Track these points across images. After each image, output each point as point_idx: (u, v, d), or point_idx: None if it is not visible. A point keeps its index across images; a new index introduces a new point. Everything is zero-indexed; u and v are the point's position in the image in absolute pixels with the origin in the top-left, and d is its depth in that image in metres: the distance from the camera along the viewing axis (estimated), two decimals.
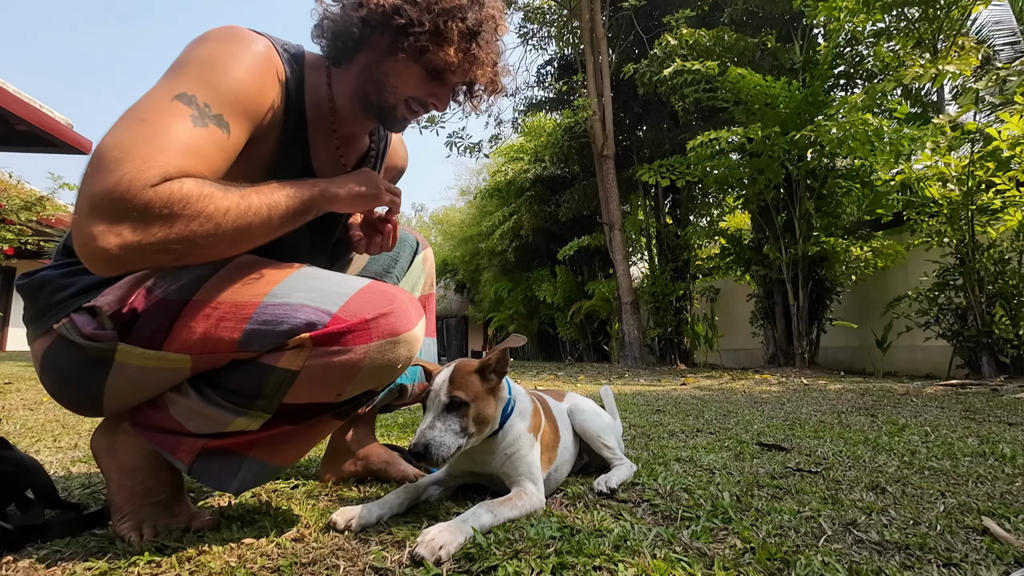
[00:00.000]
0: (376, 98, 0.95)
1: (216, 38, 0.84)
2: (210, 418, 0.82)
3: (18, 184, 8.11)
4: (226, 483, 0.85)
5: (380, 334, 0.83)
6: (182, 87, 0.77)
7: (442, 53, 0.90)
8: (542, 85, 12.36)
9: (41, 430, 2.00)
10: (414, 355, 0.89)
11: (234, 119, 0.81)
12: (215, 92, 0.79)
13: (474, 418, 0.99)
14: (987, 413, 2.53)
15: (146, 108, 0.74)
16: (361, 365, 0.82)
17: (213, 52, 0.82)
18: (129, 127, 0.72)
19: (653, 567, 0.74)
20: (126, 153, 0.69)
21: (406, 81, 0.94)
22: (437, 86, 0.96)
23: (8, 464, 0.93)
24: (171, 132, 0.73)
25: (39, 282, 0.85)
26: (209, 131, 0.77)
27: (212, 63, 0.81)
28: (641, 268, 12.61)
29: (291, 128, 0.93)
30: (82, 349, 0.78)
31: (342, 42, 0.92)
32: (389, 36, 0.90)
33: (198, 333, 0.79)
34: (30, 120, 5.80)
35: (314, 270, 0.91)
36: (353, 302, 0.83)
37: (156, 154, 0.70)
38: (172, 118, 0.74)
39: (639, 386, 4.64)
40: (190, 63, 0.80)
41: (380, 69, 0.93)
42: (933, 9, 5.84)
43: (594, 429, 1.28)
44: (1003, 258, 5.03)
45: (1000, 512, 1.00)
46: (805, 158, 6.59)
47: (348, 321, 0.81)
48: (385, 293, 0.86)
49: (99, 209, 0.68)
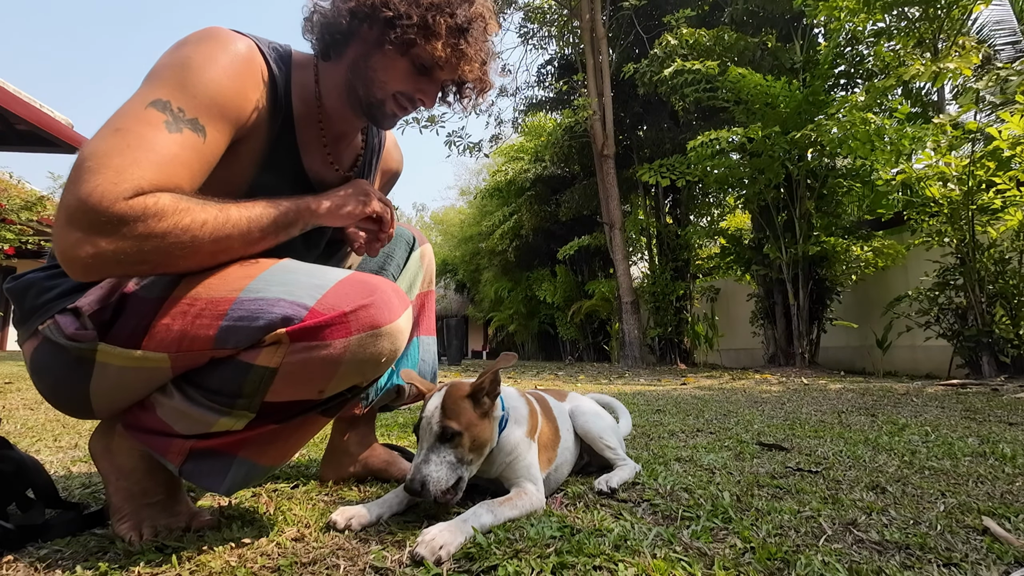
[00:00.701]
0: (364, 93, 0.94)
1: (194, 41, 0.84)
2: (195, 419, 0.81)
3: (18, 184, 8.12)
4: (216, 484, 0.84)
5: (360, 327, 0.80)
6: (156, 93, 0.77)
7: (429, 47, 0.90)
8: (542, 85, 12.37)
9: (41, 430, 2.01)
10: (399, 348, 0.86)
11: (211, 122, 0.80)
12: (189, 96, 0.78)
13: (469, 447, 0.97)
14: (987, 413, 2.53)
15: (122, 117, 0.75)
16: (342, 360, 0.80)
17: (189, 55, 0.82)
18: (104, 137, 0.73)
19: (653, 567, 0.74)
20: (100, 164, 0.70)
21: (393, 75, 0.93)
22: (425, 82, 0.96)
23: (9, 464, 0.92)
24: (146, 141, 0.74)
25: (25, 284, 0.84)
26: (184, 136, 0.77)
27: (187, 66, 0.80)
28: (641, 268, 12.61)
29: (278, 128, 0.93)
30: (66, 350, 0.78)
31: (331, 35, 0.92)
32: (377, 29, 0.90)
33: (175, 331, 0.78)
34: (30, 120, 5.81)
35: (294, 263, 0.88)
36: (331, 294, 0.80)
37: (130, 166, 0.71)
38: (146, 127, 0.74)
39: (639, 386, 4.64)
40: (166, 68, 0.80)
41: (368, 63, 0.93)
42: (934, 9, 5.84)
43: (596, 430, 1.27)
44: (1003, 258, 5.03)
45: (1000, 512, 1.00)
46: (805, 158, 6.59)
47: (325, 315, 0.78)
48: (365, 284, 0.83)
49: (74, 219, 0.69)
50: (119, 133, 0.73)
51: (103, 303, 0.79)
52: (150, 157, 0.73)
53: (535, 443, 1.11)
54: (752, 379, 5.27)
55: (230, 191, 0.88)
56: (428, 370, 1.28)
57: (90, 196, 0.68)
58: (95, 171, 0.70)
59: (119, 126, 0.74)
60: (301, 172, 0.98)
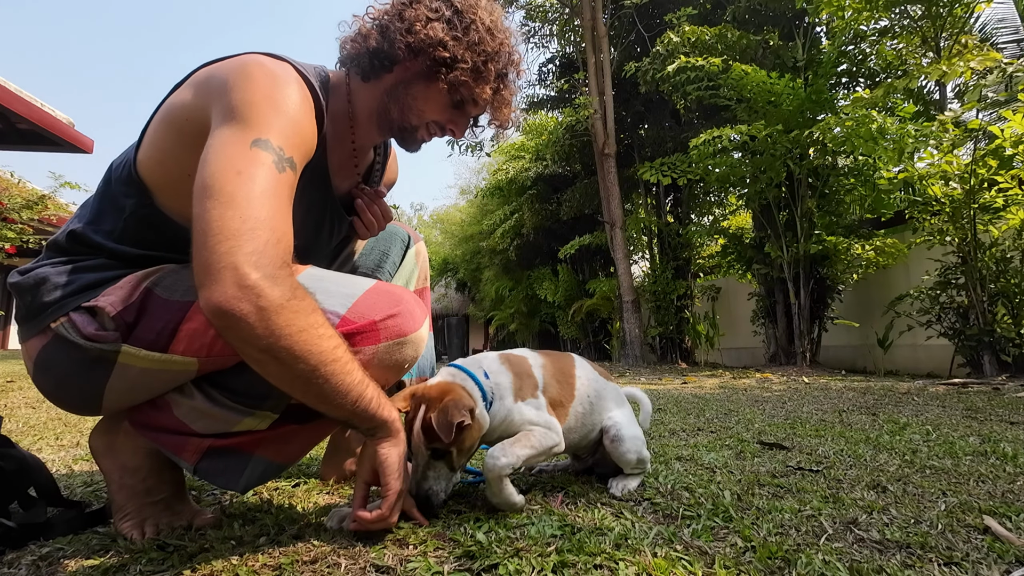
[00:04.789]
0: (399, 117, 0.98)
1: (263, 76, 0.82)
2: (217, 419, 0.83)
3: (19, 183, 8.12)
4: (233, 482, 0.85)
5: (388, 335, 0.84)
6: (255, 133, 0.77)
7: (478, 90, 0.95)
8: (543, 83, 12.33)
9: (43, 428, 2.01)
10: (420, 354, 0.91)
11: (298, 159, 0.82)
12: (284, 135, 0.79)
13: (459, 453, 0.96)
14: (988, 412, 2.53)
15: (233, 158, 0.74)
16: (369, 366, 0.83)
17: (268, 93, 0.81)
18: (228, 181, 0.72)
19: (654, 565, 0.74)
20: (250, 227, 0.71)
21: (431, 106, 0.97)
22: (458, 115, 1.01)
23: (11, 462, 0.93)
24: (256, 187, 0.73)
25: (35, 280, 0.84)
26: (286, 176, 0.78)
27: (273, 105, 0.80)
28: (642, 267, 12.59)
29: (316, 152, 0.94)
30: (82, 349, 0.78)
31: (379, 60, 0.94)
32: (426, 63, 0.93)
33: (206, 336, 0.80)
34: (31, 119, 5.80)
35: (320, 271, 0.92)
36: (361, 303, 0.84)
37: (279, 241, 0.73)
38: (258, 167, 0.75)
39: (640, 385, 4.64)
40: (252, 106, 0.79)
41: (408, 91, 0.96)
42: (936, 7, 5.82)
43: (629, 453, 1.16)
44: (1005, 257, 5.02)
45: (1001, 511, 1.00)
46: (807, 156, 6.58)
47: (357, 323, 0.82)
48: (391, 294, 0.88)
49: (242, 272, 0.69)
50: (241, 176, 0.73)
51: (126, 303, 0.79)
52: (278, 219, 0.74)
53: (535, 399, 1.07)
54: (753, 378, 5.27)
55: None
56: (427, 365, 1.29)
57: (247, 260, 0.69)
58: (250, 233, 0.70)
59: (239, 168, 0.73)
60: (328, 187, 1.02)
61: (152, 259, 0.88)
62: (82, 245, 0.88)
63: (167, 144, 0.85)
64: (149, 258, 0.88)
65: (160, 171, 0.86)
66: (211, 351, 0.80)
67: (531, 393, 1.08)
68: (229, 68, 0.83)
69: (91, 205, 0.91)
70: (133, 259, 0.87)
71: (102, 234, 0.87)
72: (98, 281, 0.83)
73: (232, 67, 0.82)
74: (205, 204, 0.71)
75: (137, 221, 0.87)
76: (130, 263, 0.86)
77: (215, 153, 0.75)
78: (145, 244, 0.88)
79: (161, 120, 0.86)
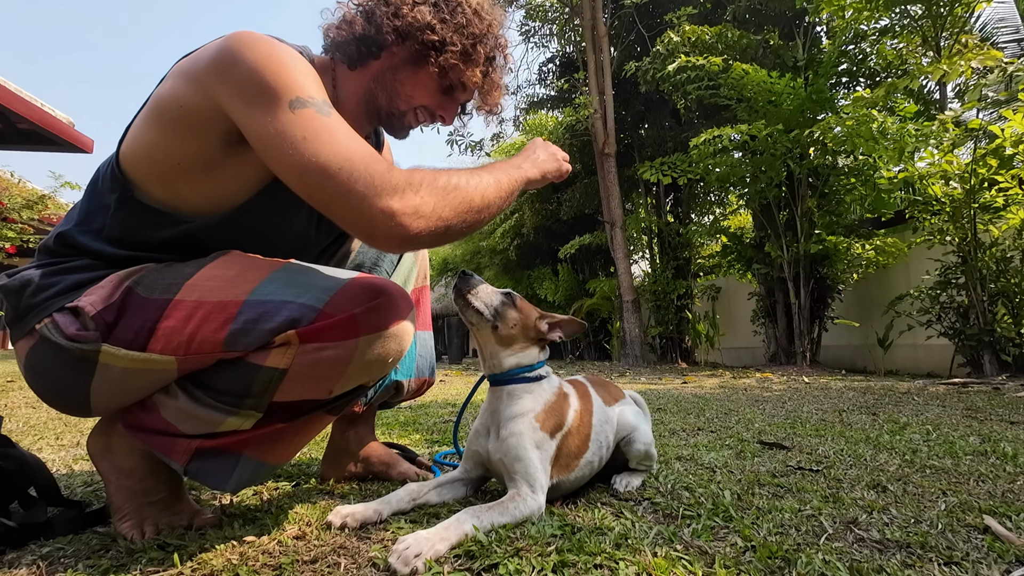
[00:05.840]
0: (386, 103, 0.96)
1: (254, 41, 0.80)
2: (201, 419, 0.82)
3: (19, 183, 8.12)
4: (222, 482, 0.85)
5: (368, 329, 0.81)
6: (285, 96, 0.77)
7: (468, 73, 0.95)
8: (544, 83, 12.32)
9: (43, 428, 2.01)
10: (405, 349, 0.88)
11: (328, 99, 0.83)
12: (306, 85, 0.80)
13: (512, 314, 1.06)
14: (989, 412, 2.53)
15: (286, 134, 0.75)
16: (350, 361, 0.81)
17: (267, 52, 0.79)
18: (304, 152, 0.75)
19: (654, 565, 0.74)
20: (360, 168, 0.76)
21: (420, 91, 0.96)
22: (447, 100, 1.00)
23: (11, 462, 0.93)
24: (325, 139, 0.77)
25: (20, 282, 0.84)
26: (334, 115, 0.80)
27: (280, 63, 0.79)
28: (642, 266, 12.59)
29: None
30: (65, 350, 0.78)
31: (366, 47, 0.93)
32: (414, 47, 0.92)
33: (183, 333, 0.79)
34: (31, 118, 5.80)
35: (299, 265, 0.89)
36: (339, 297, 0.81)
37: (371, 158, 0.78)
38: (312, 123, 0.76)
39: (640, 384, 4.64)
40: (264, 72, 0.77)
41: (396, 77, 0.95)
42: (936, 7, 5.82)
43: (640, 453, 1.19)
44: (1005, 256, 5.02)
45: (1001, 511, 1.00)
46: (807, 156, 6.58)
47: (335, 317, 0.79)
48: (372, 286, 0.84)
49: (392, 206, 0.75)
50: (308, 142, 0.75)
51: (107, 303, 0.79)
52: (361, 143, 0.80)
53: (551, 441, 1.02)
54: (753, 378, 5.27)
55: (240, 188, 0.88)
56: (426, 365, 1.28)
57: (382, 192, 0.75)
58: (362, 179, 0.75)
59: (304, 134, 0.75)
60: None
61: (137, 260, 0.87)
62: (68, 247, 0.87)
63: (154, 136, 0.84)
64: (134, 259, 0.87)
65: (148, 163, 0.85)
66: (188, 349, 0.79)
67: (550, 434, 1.03)
68: (217, 49, 0.80)
69: (79, 208, 0.91)
70: (118, 260, 0.86)
71: (89, 235, 0.87)
72: (82, 282, 0.82)
73: (219, 46, 0.80)
74: (308, 183, 0.76)
75: (123, 216, 0.86)
76: (115, 264, 0.86)
77: (272, 139, 0.76)
78: (131, 243, 0.87)
79: (149, 114, 0.85)
